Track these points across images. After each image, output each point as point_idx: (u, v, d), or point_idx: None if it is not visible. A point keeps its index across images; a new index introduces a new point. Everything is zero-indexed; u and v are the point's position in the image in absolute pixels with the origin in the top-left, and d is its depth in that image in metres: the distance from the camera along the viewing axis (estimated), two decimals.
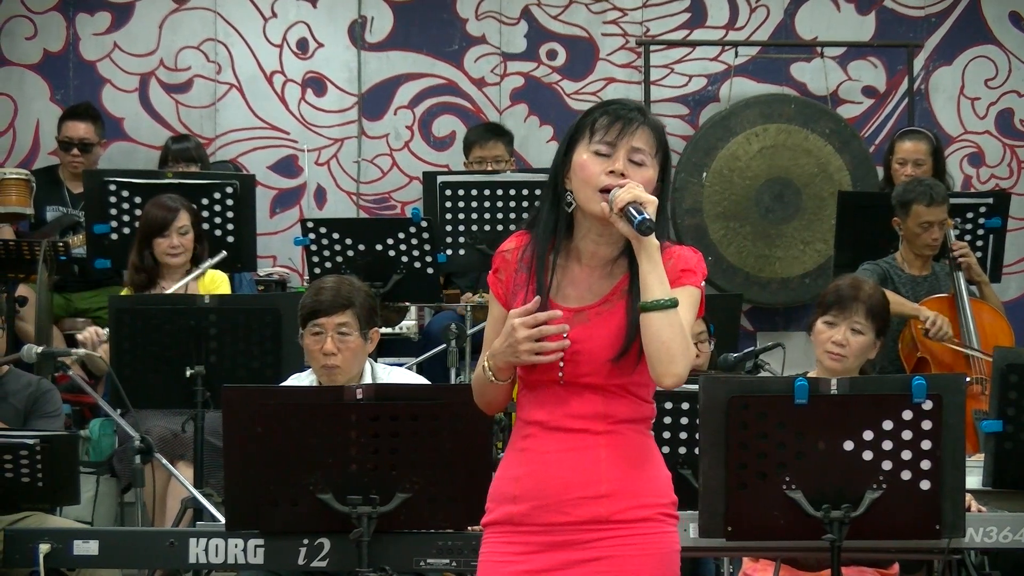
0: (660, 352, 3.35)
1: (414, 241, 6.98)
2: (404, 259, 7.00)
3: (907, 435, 4.25)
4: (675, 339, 3.34)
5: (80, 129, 8.07)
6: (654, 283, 3.35)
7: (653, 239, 3.34)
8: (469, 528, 4.51)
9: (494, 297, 3.56)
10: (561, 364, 3.42)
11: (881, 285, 6.84)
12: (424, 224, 7.00)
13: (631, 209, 3.33)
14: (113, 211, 7.07)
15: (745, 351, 5.84)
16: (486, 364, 3.46)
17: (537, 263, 3.46)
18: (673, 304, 3.35)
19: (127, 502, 6.79)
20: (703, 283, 3.48)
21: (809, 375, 4.72)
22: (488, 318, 3.60)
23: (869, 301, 5.06)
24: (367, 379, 5.20)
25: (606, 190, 3.39)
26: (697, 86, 9.13)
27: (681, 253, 3.46)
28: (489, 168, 8.08)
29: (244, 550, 4.61)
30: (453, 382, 6.98)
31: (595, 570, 3.44)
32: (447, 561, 4.58)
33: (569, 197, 3.46)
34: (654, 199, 3.37)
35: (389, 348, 7.96)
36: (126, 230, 7.01)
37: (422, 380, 5.71)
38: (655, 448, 3.54)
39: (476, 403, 3.59)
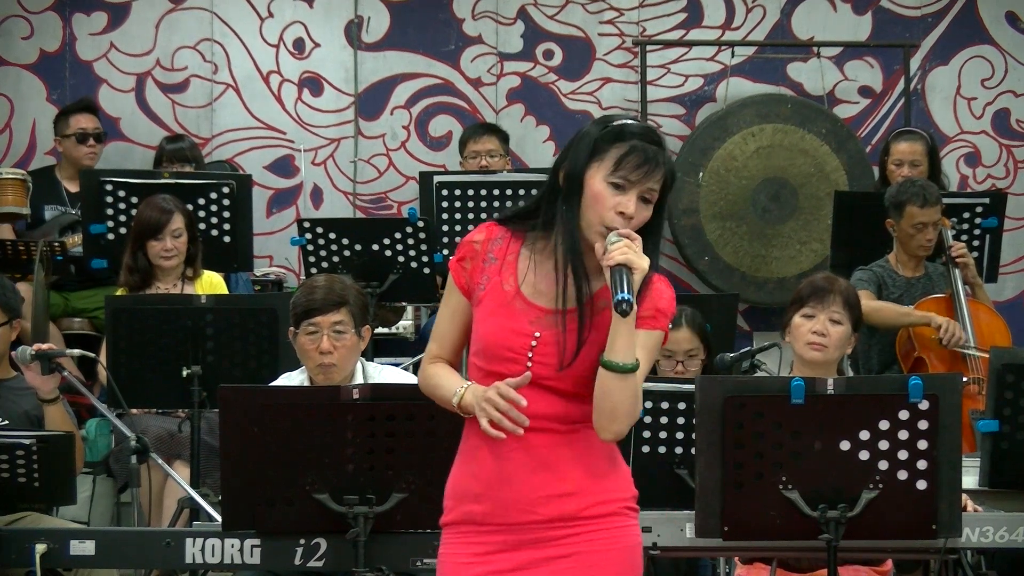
0: (606, 409, 3.41)
1: (411, 241, 6.98)
2: (401, 259, 7.00)
3: (903, 435, 4.25)
4: (624, 402, 3.39)
5: (92, 120, 8.10)
6: (621, 346, 3.38)
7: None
8: None
9: (455, 285, 3.55)
10: (529, 364, 3.43)
11: (877, 291, 6.90)
12: (420, 224, 7.00)
13: (618, 278, 3.33)
14: (110, 211, 7.07)
15: (741, 351, 5.83)
16: (460, 392, 3.46)
17: (575, 269, 3.45)
18: (633, 369, 3.38)
19: (123, 502, 6.79)
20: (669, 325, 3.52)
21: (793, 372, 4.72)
22: (443, 306, 3.60)
23: (845, 292, 5.11)
24: (358, 378, 5.19)
25: (607, 225, 3.41)
26: (693, 86, 9.14)
27: (658, 289, 3.46)
28: (483, 163, 8.08)
29: (240, 550, 4.60)
30: None
31: (564, 567, 3.47)
32: None
33: None
34: (644, 265, 3.36)
35: (386, 348, 7.97)
36: (123, 230, 7.02)
37: (414, 379, 5.71)
38: (613, 443, 3.56)
39: (423, 391, 3.61)
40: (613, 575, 3.50)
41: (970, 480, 4.84)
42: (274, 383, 5.28)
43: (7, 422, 5.69)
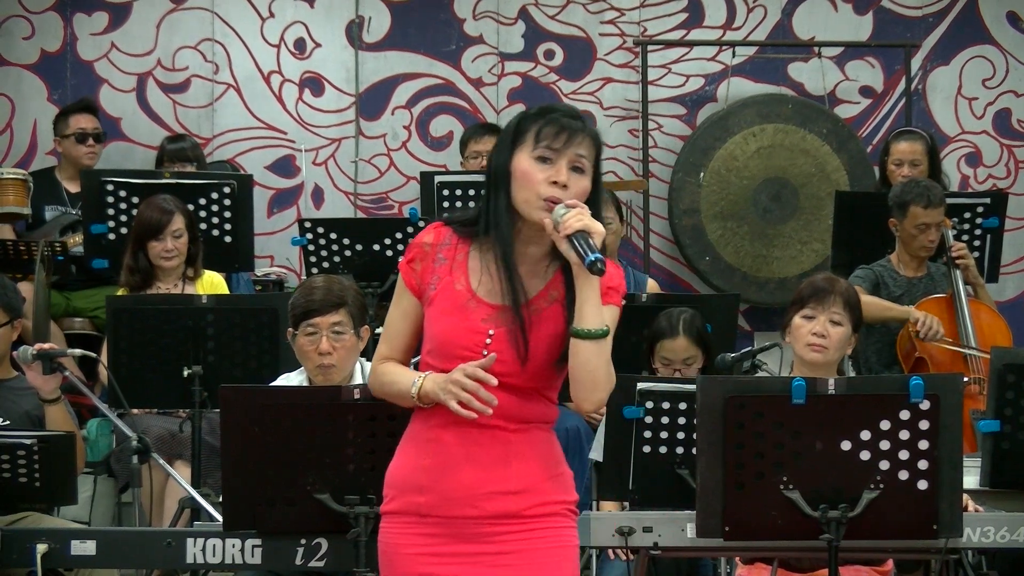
0: (585, 379, 3.45)
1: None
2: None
3: (904, 435, 4.25)
4: (601, 368, 3.45)
5: (92, 120, 8.11)
6: (590, 312, 3.42)
7: None
8: None
9: (405, 287, 3.60)
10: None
11: (874, 290, 6.90)
12: (422, 224, 6.99)
13: (582, 242, 3.37)
14: (111, 211, 7.07)
15: (743, 351, 5.83)
16: (418, 382, 3.51)
17: (507, 271, 3.49)
18: (605, 334, 3.43)
19: (124, 502, 6.79)
20: (623, 301, 3.56)
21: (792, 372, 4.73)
22: (393, 307, 3.65)
23: (845, 294, 5.11)
24: (357, 378, 5.19)
25: (547, 199, 3.44)
26: (695, 86, 9.13)
27: (607, 269, 3.48)
28: (484, 163, 8.07)
29: (241, 550, 4.60)
30: None
31: (505, 563, 3.51)
32: None
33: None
34: (601, 229, 3.41)
35: None
36: (123, 230, 7.02)
37: None
38: (559, 446, 3.61)
39: (373, 393, 3.67)
40: (557, 574, 3.53)
41: (971, 480, 4.84)
42: (272, 384, 5.27)
43: (8, 422, 5.70)
